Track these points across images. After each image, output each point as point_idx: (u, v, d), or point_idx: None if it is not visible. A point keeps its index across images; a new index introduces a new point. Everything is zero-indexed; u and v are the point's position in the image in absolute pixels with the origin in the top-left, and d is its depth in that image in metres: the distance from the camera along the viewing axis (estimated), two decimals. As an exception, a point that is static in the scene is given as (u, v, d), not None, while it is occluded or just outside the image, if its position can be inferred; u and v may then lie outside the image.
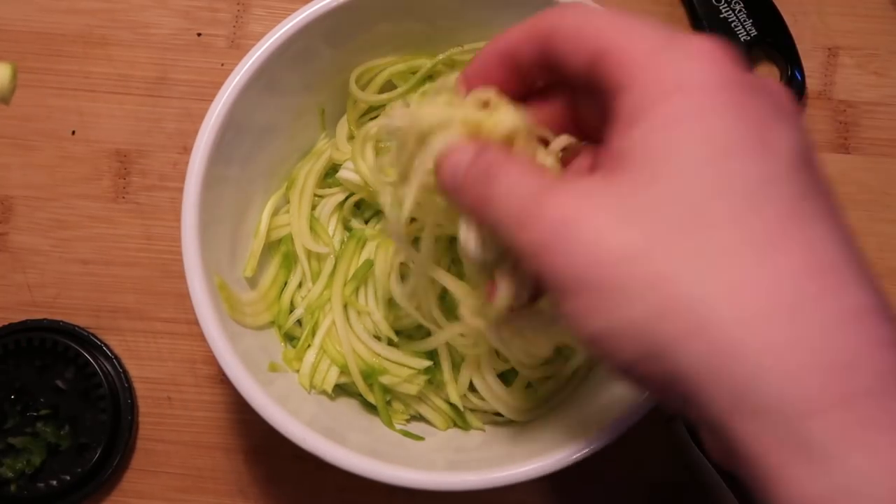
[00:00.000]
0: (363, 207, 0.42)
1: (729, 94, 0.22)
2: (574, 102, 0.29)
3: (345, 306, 0.40)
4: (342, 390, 0.41)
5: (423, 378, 0.39)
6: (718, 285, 0.21)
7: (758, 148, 0.22)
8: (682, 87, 0.23)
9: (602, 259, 0.22)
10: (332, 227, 0.42)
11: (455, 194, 0.27)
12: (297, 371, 0.40)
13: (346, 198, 0.41)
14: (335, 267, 0.40)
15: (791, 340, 0.21)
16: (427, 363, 0.39)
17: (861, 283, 0.21)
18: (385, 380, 0.39)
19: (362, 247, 0.40)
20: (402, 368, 0.39)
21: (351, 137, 0.42)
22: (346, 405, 0.41)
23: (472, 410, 0.41)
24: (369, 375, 0.39)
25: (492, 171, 0.26)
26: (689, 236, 0.22)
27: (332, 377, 0.40)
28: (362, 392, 0.40)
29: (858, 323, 0.21)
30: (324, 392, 0.40)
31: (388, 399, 0.40)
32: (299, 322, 0.41)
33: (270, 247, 0.42)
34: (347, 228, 0.42)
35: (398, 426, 0.40)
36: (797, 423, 0.20)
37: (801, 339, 0.21)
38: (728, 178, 0.22)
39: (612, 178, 0.23)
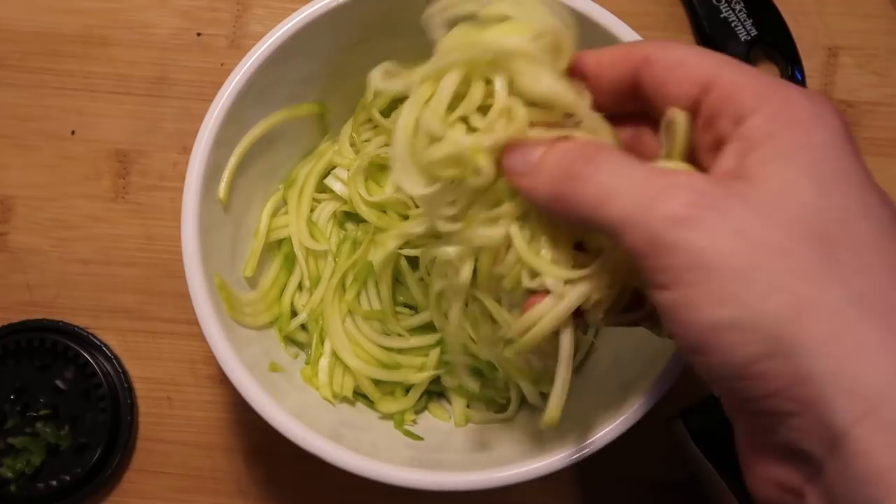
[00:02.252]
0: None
1: (846, 140, 0.24)
2: (637, 133, 0.29)
3: (349, 311, 0.40)
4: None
5: (436, 354, 0.39)
6: (860, 298, 0.21)
7: (881, 192, 0.24)
8: (809, 120, 0.24)
9: (735, 248, 0.22)
10: (330, 230, 0.42)
11: (527, 180, 0.26)
12: (318, 387, 0.40)
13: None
14: (332, 272, 0.40)
15: None
16: (437, 336, 0.39)
17: None
18: (399, 376, 0.39)
19: (356, 249, 0.40)
20: (415, 358, 0.39)
21: (353, 144, 0.42)
22: (347, 405, 0.41)
23: (477, 404, 0.41)
24: (386, 366, 0.39)
25: (575, 168, 0.25)
26: (830, 250, 0.22)
27: (349, 383, 0.40)
28: (372, 399, 0.40)
29: None
30: (345, 399, 0.40)
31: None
32: (303, 326, 0.41)
33: (270, 247, 0.42)
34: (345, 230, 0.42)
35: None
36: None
37: None
38: (868, 208, 0.23)
39: (740, 186, 0.23)
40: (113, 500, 0.45)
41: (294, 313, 0.42)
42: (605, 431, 0.34)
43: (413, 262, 0.40)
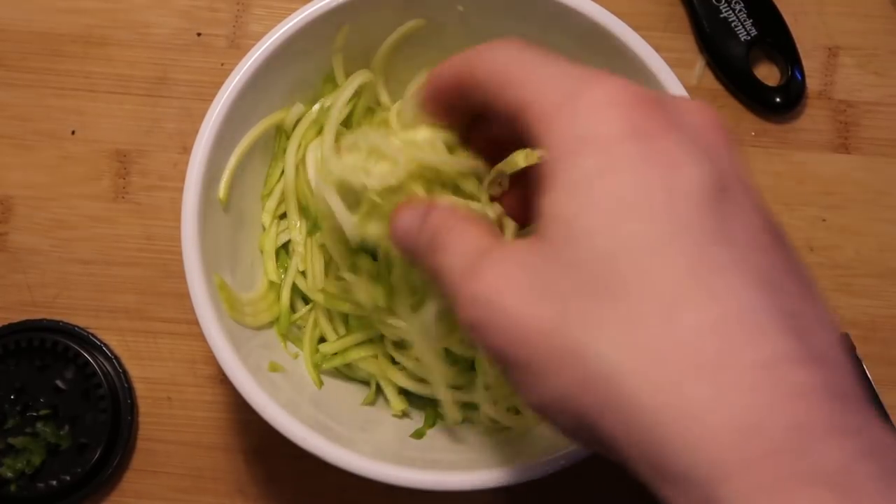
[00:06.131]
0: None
1: (634, 144, 0.21)
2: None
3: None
4: (343, 380, 0.41)
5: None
6: (629, 352, 0.20)
7: (664, 198, 0.21)
8: (587, 142, 0.22)
9: (525, 335, 0.22)
10: None
11: (412, 258, 0.28)
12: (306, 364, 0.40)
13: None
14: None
15: (699, 403, 0.20)
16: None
17: (780, 328, 0.20)
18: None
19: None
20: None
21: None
22: (347, 405, 0.41)
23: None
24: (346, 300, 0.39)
25: (438, 239, 0.26)
26: (600, 303, 0.21)
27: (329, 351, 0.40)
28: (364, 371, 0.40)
29: (771, 375, 0.19)
30: (335, 370, 0.40)
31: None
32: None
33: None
34: None
35: (395, 418, 0.40)
36: (708, 490, 0.19)
37: (709, 401, 0.19)
38: (634, 238, 0.21)
39: (533, 245, 0.23)
40: (113, 500, 0.45)
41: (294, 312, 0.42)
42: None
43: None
